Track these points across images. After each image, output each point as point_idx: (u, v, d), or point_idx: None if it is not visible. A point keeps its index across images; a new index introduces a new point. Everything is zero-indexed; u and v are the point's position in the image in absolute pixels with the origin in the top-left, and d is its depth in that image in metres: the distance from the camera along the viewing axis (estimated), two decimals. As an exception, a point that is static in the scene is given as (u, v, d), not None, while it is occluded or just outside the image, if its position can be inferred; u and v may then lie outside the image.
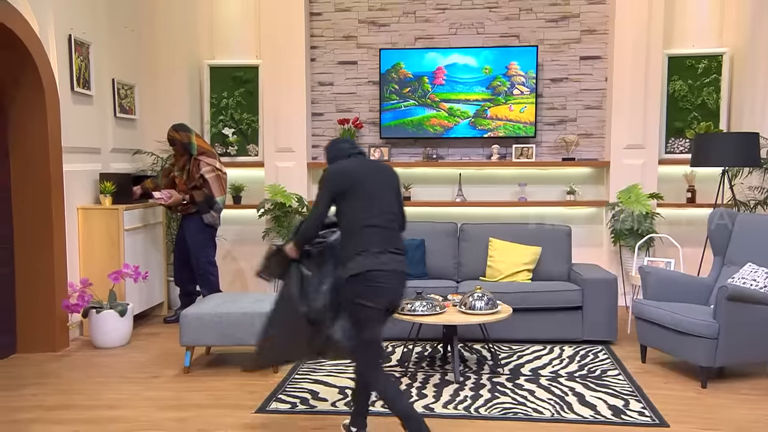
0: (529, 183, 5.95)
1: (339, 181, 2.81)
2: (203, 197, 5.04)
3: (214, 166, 5.10)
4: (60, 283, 4.45)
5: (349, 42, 6.07)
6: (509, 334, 4.58)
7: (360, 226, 2.77)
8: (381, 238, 2.77)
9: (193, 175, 5.04)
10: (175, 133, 5.03)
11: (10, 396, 3.61)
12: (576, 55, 5.91)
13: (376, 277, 2.71)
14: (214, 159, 5.13)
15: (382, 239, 2.77)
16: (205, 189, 5.05)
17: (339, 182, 2.81)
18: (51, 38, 4.45)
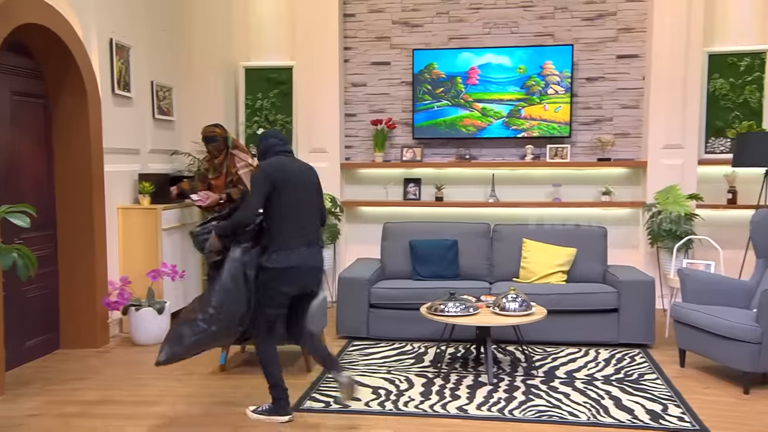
0: (564, 183, 5.88)
1: (272, 178, 3.08)
2: (240, 194, 5.09)
3: (246, 161, 5.13)
4: (101, 281, 4.57)
5: (383, 43, 6.09)
6: (543, 336, 4.53)
7: (284, 221, 3.10)
8: (301, 234, 3.14)
9: (230, 169, 5.05)
10: (215, 129, 5.03)
11: (56, 390, 3.72)
12: (612, 53, 5.82)
13: (290, 270, 3.10)
14: (246, 154, 5.17)
15: (302, 235, 3.14)
16: (240, 186, 5.10)
17: (272, 179, 3.08)
18: (93, 42, 4.57)
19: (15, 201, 4.03)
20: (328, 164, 5.98)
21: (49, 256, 4.43)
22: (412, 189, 6.04)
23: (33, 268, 3.22)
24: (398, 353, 4.40)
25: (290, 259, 3.10)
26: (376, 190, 6.16)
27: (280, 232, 3.10)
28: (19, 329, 4.15)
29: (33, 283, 4.26)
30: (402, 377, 3.90)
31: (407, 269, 5.02)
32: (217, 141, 5.00)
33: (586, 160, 5.82)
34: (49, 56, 4.29)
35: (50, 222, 4.46)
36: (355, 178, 6.20)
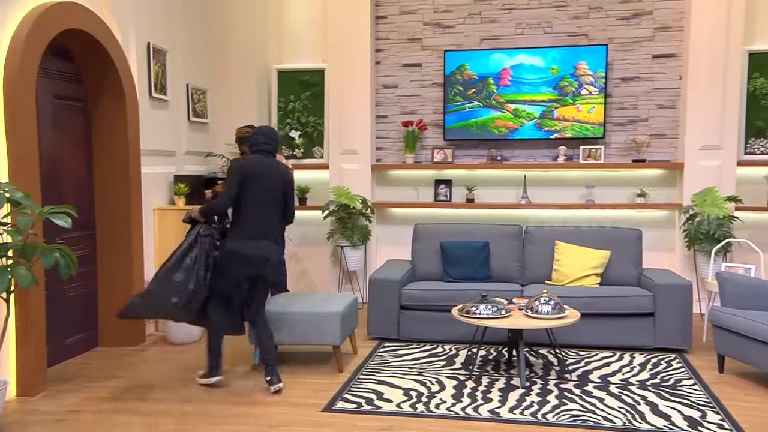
0: (597, 185, 5.80)
1: (240, 175, 3.57)
2: None
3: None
4: (138, 281, 4.66)
5: (414, 44, 6.09)
6: (576, 340, 4.48)
7: (244, 213, 3.59)
8: (257, 226, 3.60)
9: None
10: (249, 129, 5.08)
11: (95, 387, 3.82)
12: (648, 53, 5.71)
13: (241, 256, 3.58)
14: (280, 156, 5.22)
15: (257, 228, 3.61)
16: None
17: (240, 176, 3.57)
18: (132, 46, 4.67)
19: (56, 202, 4.15)
20: (359, 166, 6.00)
21: (88, 256, 4.55)
22: (443, 190, 6.03)
23: (74, 268, 3.31)
24: (429, 355, 4.39)
25: (243, 247, 3.59)
26: (407, 192, 6.16)
27: (239, 221, 3.61)
28: (60, 327, 4.26)
29: (73, 282, 4.37)
30: (433, 379, 3.89)
31: (438, 271, 5.01)
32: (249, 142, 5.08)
33: (621, 162, 5.73)
34: (90, 60, 4.40)
35: (89, 222, 4.57)
36: (385, 179, 6.21)
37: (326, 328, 3.98)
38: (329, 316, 3.99)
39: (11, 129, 3.53)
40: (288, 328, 4.01)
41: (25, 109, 3.60)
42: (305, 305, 4.11)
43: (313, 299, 4.27)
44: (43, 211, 3.26)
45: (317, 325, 3.99)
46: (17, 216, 3.16)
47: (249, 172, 3.57)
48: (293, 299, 4.28)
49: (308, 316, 4.01)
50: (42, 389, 3.72)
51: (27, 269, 3.16)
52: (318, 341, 4.01)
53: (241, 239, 3.59)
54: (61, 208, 3.31)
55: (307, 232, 6.28)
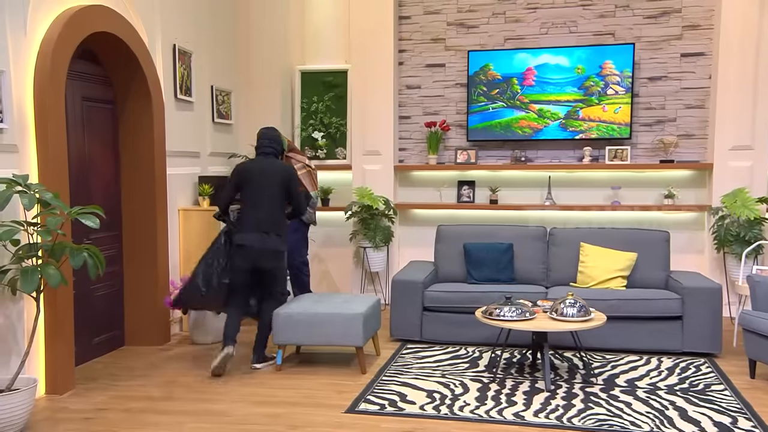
0: (624, 186, 5.73)
1: (238, 176, 4.08)
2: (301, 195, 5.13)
3: (304, 162, 5.19)
4: (163, 281, 4.72)
5: (438, 44, 6.08)
6: (602, 343, 4.43)
7: (245, 210, 4.05)
8: (256, 221, 4.01)
9: None
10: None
11: (122, 386, 3.87)
12: (676, 52, 5.63)
13: (243, 248, 4.01)
14: (302, 156, 5.24)
15: (256, 223, 4.01)
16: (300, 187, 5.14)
17: (237, 177, 4.07)
18: (158, 49, 4.74)
19: (84, 202, 4.22)
20: (382, 166, 6.00)
21: (114, 256, 4.62)
22: (466, 191, 6.00)
23: (102, 268, 3.36)
24: (452, 357, 4.38)
25: (244, 239, 4.01)
26: (430, 193, 6.15)
27: (242, 217, 4.06)
28: (88, 326, 4.33)
29: (100, 282, 4.44)
30: (457, 381, 3.88)
31: (461, 272, 5.00)
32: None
33: (648, 162, 5.66)
34: (117, 63, 4.47)
35: (116, 223, 4.64)
36: (408, 180, 6.20)
37: (349, 329, 3.99)
38: (352, 317, 4.00)
39: (41, 131, 3.60)
40: (311, 329, 4.04)
41: (55, 111, 3.67)
42: (328, 306, 4.13)
43: (336, 300, 4.29)
44: (72, 212, 3.32)
45: (340, 326, 4.00)
46: (47, 216, 3.22)
47: (244, 172, 4.05)
48: (316, 300, 4.30)
49: (331, 317, 4.02)
50: (70, 387, 3.79)
51: (56, 269, 3.22)
52: (341, 342, 4.02)
53: (240, 233, 4.02)
54: (89, 209, 3.36)
55: (329, 233, 6.30)
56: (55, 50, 3.65)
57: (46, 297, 3.61)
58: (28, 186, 3.22)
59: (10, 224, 3.18)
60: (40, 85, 3.59)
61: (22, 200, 3.13)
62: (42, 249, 3.32)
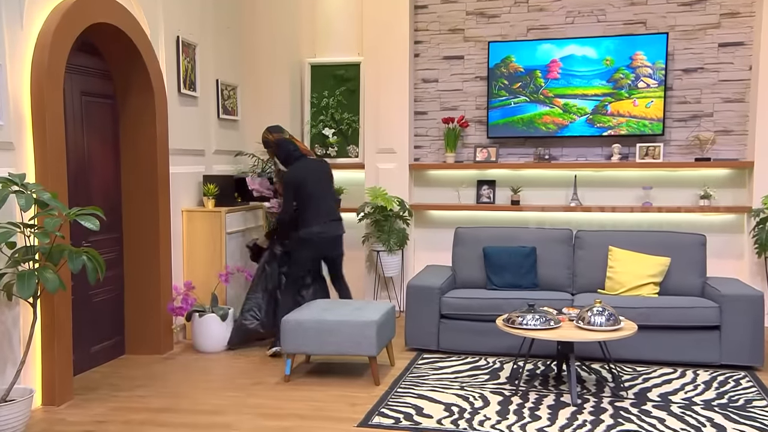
0: (655, 186, 5.68)
1: (294, 183, 4.58)
2: None
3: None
4: (165, 286, 4.76)
5: (456, 35, 6.07)
6: (633, 354, 4.39)
7: (308, 207, 4.57)
8: (320, 214, 4.59)
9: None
10: (268, 135, 5.11)
11: (122, 396, 3.90)
12: (714, 41, 5.57)
13: (313, 240, 4.58)
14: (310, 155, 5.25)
15: (321, 215, 4.59)
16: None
17: (294, 184, 4.58)
18: (160, 40, 4.77)
19: (84, 203, 4.26)
20: (397, 165, 6.01)
21: (114, 260, 4.66)
22: (486, 191, 5.99)
23: (102, 272, 3.39)
24: (471, 368, 4.37)
25: (324, 229, 4.58)
26: (448, 193, 6.14)
27: (306, 215, 4.58)
28: (86, 334, 4.37)
29: (99, 287, 4.48)
30: (476, 394, 3.87)
31: (481, 278, 4.98)
32: (270, 146, 5.11)
33: (682, 161, 5.61)
34: (118, 55, 4.52)
35: (117, 224, 4.68)
36: (424, 179, 6.20)
37: (362, 338, 3.99)
38: (364, 325, 4.00)
39: (39, 127, 3.64)
40: (321, 337, 4.04)
41: (53, 106, 3.71)
42: (339, 313, 4.13)
43: (348, 307, 4.29)
44: (70, 213, 3.35)
45: (352, 334, 4.01)
46: (44, 218, 3.26)
47: (299, 178, 4.57)
48: (326, 307, 4.30)
49: (342, 325, 4.02)
50: (68, 398, 3.82)
51: (54, 273, 3.25)
52: (353, 352, 4.02)
53: (315, 226, 4.56)
54: (88, 210, 3.40)
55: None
56: (53, 42, 3.69)
57: (44, 303, 3.64)
58: (24, 186, 3.26)
59: (6, 226, 3.22)
60: (37, 80, 3.63)
61: (19, 201, 3.16)
62: (39, 252, 3.36)
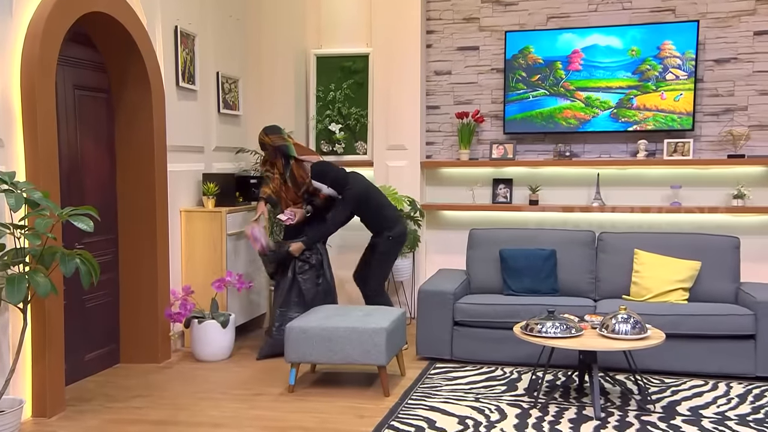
0: (684, 185, 5.63)
1: (356, 199, 4.90)
2: (325, 201, 5.13)
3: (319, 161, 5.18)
4: (163, 290, 4.75)
5: (471, 25, 6.03)
6: (660, 365, 4.35)
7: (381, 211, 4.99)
8: (395, 212, 5.09)
9: (303, 179, 5.10)
10: (264, 137, 5.08)
11: (118, 408, 3.90)
12: (748, 29, 5.51)
13: (403, 236, 5.05)
14: (314, 154, 5.22)
15: (397, 213, 5.11)
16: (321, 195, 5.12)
17: (356, 200, 4.90)
18: (158, 30, 4.77)
19: (77, 202, 4.27)
20: (407, 163, 5.98)
21: (109, 262, 4.66)
22: (502, 191, 5.96)
23: (96, 276, 3.39)
24: (487, 378, 4.34)
25: (402, 231, 5.03)
26: (462, 192, 6.11)
27: (386, 218, 4.97)
28: (80, 341, 4.37)
29: (93, 292, 4.48)
30: (492, 406, 3.84)
31: (497, 282, 4.96)
32: (267, 148, 5.09)
33: (713, 158, 5.56)
34: (113, 46, 4.52)
35: (112, 225, 4.68)
36: (437, 178, 6.17)
37: (371, 347, 3.97)
38: (373, 332, 3.97)
39: (30, 122, 3.64)
40: (328, 345, 4.03)
41: (45, 100, 3.71)
42: (347, 320, 4.11)
43: (356, 313, 4.27)
44: (63, 213, 3.35)
45: (360, 342, 3.99)
46: (35, 218, 3.26)
47: (362, 192, 4.92)
48: (333, 313, 4.29)
49: (350, 332, 4.00)
50: (60, 410, 3.82)
51: (45, 277, 3.25)
52: (361, 361, 4.00)
53: (397, 225, 4.97)
54: (82, 210, 3.39)
55: (348, 238, 6.28)
56: (45, 33, 3.69)
57: (34, 308, 3.64)
58: (14, 184, 3.25)
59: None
60: (27, 72, 3.63)
61: (8, 200, 3.16)
62: (30, 254, 3.36)
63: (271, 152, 5.10)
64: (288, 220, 5.09)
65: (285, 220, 5.08)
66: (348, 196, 4.86)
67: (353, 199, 4.87)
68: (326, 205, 5.08)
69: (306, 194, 5.15)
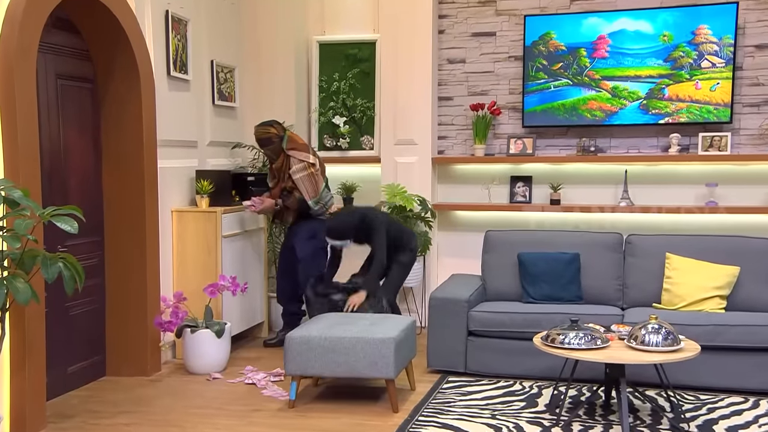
0: (721, 183, 5.61)
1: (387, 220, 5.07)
2: (297, 203, 5.22)
3: (306, 161, 5.22)
4: (152, 297, 4.76)
5: (487, 8, 6.03)
6: (695, 380, 4.34)
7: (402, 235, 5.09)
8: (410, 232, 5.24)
9: (282, 173, 5.24)
10: (270, 128, 5.19)
11: (104, 425, 3.90)
12: (792, 11, 5.49)
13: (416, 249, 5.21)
14: (306, 153, 5.26)
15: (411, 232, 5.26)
16: (296, 193, 5.21)
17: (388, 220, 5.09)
18: (147, 15, 4.79)
19: (60, 202, 4.28)
20: (418, 159, 5.99)
21: (95, 267, 4.67)
22: (520, 189, 5.95)
23: (80, 281, 3.39)
24: (504, 393, 4.35)
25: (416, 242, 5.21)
26: (476, 191, 6.10)
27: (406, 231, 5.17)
28: (62, 352, 4.39)
29: (77, 299, 4.49)
30: (510, 423, 3.84)
31: (515, 289, 4.96)
32: (274, 143, 5.18)
33: (753, 153, 5.54)
34: (98, 33, 4.53)
35: (97, 226, 4.70)
36: (449, 175, 6.17)
37: (378, 358, 3.97)
38: (381, 342, 3.97)
39: (8, 115, 3.65)
40: (331, 357, 4.02)
41: (25, 90, 3.72)
42: (352, 329, 4.11)
43: (361, 322, 4.28)
44: (45, 214, 3.35)
45: (367, 353, 3.99)
46: (15, 219, 3.26)
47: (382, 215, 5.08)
48: (336, 322, 4.29)
49: (356, 342, 4.01)
50: (41, 426, 3.83)
51: (26, 282, 3.25)
52: (368, 374, 4.01)
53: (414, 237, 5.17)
54: (66, 210, 3.40)
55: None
56: (24, 18, 3.70)
57: (13, 316, 3.65)
58: (-8, 182, 3.26)
59: (-30, 228, 3.23)
60: (5, 59, 3.65)
61: (-15, 199, 3.17)
62: (9, 258, 3.36)
63: (278, 144, 5.21)
64: (252, 207, 5.22)
65: (248, 206, 5.23)
66: (378, 224, 4.91)
67: (384, 223, 4.96)
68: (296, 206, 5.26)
69: (284, 190, 5.30)
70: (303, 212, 5.30)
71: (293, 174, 5.21)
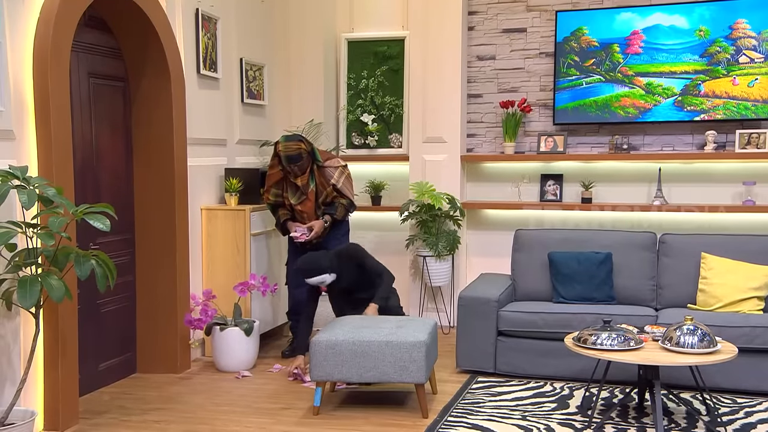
0: (759, 181, 5.53)
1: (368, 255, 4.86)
2: (344, 210, 5.13)
3: (340, 165, 5.16)
4: (182, 295, 4.81)
5: (517, 4, 6.00)
6: (732, 383, 4.28)
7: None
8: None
9: (324, 187, 5.08)
10: (300, 144, 4.94)
11: (135, 422, 3.95)
12: (831, 6, 5.37)
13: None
14: (335, 158, 5.19)
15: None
16: (342, 200, 5.11)
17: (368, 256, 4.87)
18: (178, 14, 4.83)
19: (92, 200, 4.34)
20: (447, 157, 5.98)
21: (125, 264, 4.73)
22: (551, 187, 5.91)
23: (112, 279, 3.44)
24: (535, 394, 4.33)
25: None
26: (506, 189, 6.08)
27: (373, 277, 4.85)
28: (94, 349, 4.45)
29: (108, 296, 4.55)
30: (541, 425, 3.82)
31: (545, 289, 4.94)
32: (303, 159, 4.96)
33: (791, 150, 5.43)
34: (130, 32, 4.58)
35: (128, 224, 4.76)
36: (479, 173, 6.15)
37: (408, 362, 3.92)
38: (412, 346, 3.92)
39: (42, 114, 3.72)
40: (359, 361, 3.96)
41: (58, 89, 3.78)
42: (378, 332, 4.03)
43: (387, 324, 4.19)
44: (78, 211, 3.40)
45: (396, 357, 3.92)
46: (49, 216, 3.32)
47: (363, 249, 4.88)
48: (361, 324, 4.21)
49: (384, 346, 3.94)
50: (73, 422, 3.88)
51: (59, 280, 3.31)
52: (398, 378, 3.94)
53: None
54: (98, 208, 3.45)
55: (381, 239, 6.30)
56: (58, 18, 3.76)
57: (47, 313, 3.71)
58: (27, 180, 3.32)
59: (5, 226, 3.29)
60: (40, 60, 3.71)
61: (20, 197, 3.22)
62: (43, 255, 3.42)
63: (307, 159, 4.99)
64: (302, 236, 4.95)
65: (299, 236, 4.96)
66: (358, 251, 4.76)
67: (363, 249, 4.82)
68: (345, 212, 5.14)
69: (323, 205, 5.12)
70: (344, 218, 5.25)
71: (337, 183, 5.07)
